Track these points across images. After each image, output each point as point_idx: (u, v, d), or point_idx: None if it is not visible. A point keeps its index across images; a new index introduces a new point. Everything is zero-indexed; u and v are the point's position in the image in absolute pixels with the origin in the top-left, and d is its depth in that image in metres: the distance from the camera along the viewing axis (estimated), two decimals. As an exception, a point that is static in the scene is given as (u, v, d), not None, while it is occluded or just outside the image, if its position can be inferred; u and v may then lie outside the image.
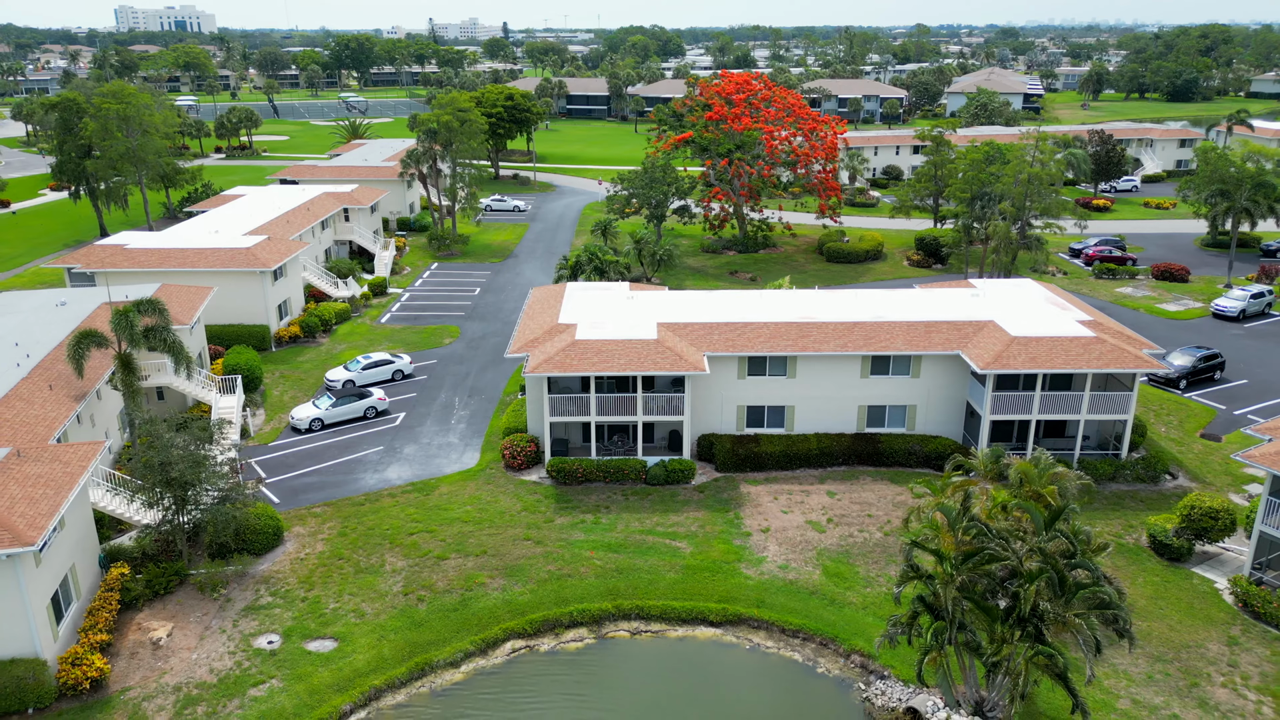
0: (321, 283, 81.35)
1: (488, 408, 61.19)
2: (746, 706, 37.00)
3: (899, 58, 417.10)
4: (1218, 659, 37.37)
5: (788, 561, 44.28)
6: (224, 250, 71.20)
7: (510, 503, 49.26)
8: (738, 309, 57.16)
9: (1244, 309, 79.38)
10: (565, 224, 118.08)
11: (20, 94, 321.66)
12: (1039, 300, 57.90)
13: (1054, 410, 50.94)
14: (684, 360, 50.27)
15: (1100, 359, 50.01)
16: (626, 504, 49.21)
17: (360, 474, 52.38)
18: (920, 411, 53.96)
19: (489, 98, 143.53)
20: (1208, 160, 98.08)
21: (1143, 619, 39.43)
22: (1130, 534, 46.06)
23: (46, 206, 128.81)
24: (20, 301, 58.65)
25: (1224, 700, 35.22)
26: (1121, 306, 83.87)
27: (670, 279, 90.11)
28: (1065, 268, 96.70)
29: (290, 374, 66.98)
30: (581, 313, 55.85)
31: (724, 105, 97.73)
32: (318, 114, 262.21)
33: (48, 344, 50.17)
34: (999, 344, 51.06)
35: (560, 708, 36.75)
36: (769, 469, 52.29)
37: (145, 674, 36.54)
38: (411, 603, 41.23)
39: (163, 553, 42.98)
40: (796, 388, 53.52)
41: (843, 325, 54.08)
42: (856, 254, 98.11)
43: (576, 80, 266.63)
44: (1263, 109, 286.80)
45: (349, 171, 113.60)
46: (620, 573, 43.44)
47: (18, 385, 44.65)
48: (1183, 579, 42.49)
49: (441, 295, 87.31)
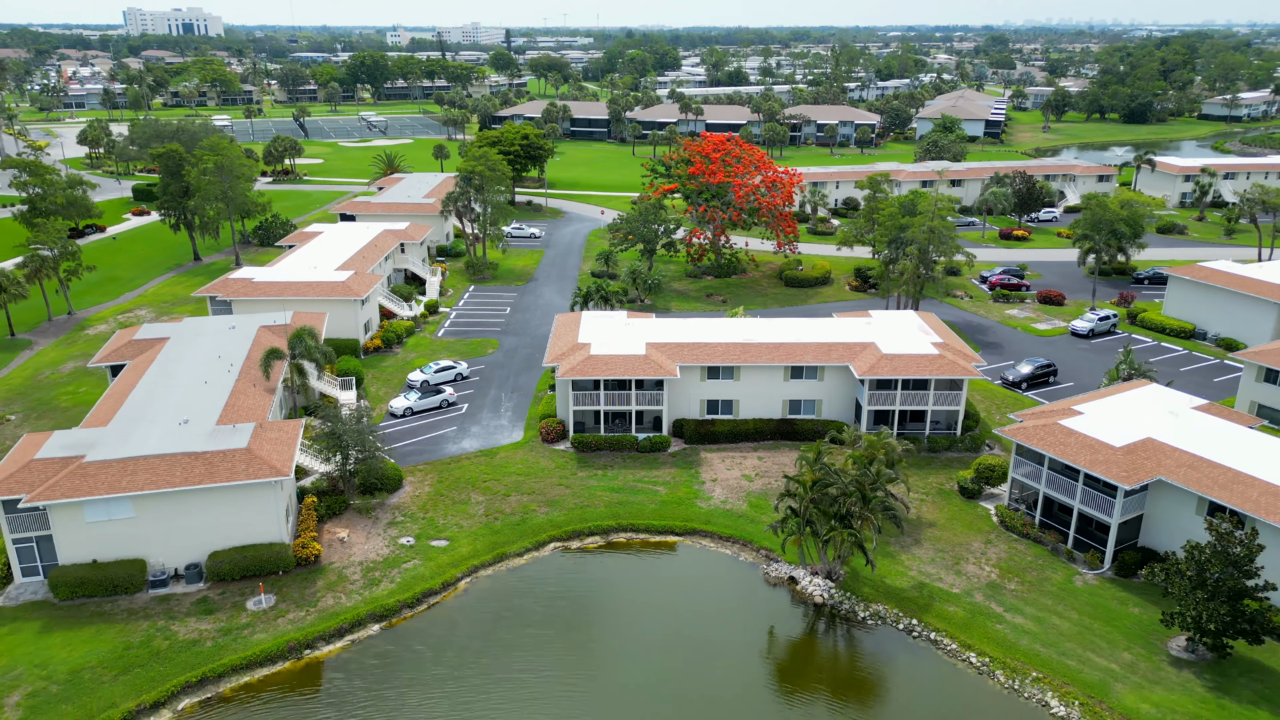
0: (392, 305, 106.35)
1: (526, 400, 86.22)
2: (697, 580, 62.18)
3: (882, 74, 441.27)
4: (976, 551, 62.58)
5: (726, 499, 69.47)
6: (326, 283, 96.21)
7: (547, 463, 74.38)
8: (702, 332, 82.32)
9: (1093, 329, 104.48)
10: (574, 249, 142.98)
11: (61, 108, 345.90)
12: (911, 328, 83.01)
13: (911, 403, 76.06)
14: (663, 369, 75.37)
15: (940, 369, 75.14)
16: (624, 464, 74.32)
17: (444, 445, 77.42)
18: (824, 404, 79.10)
19: (508, 137, 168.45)
20: (1089, 205, 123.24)
21: (939, 530, 64.67)
22: (949, 483, 71.23)
23: (138, 232, 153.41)
24: (203, 325, 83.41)
25: (972, 571, 60.42)
26: (1006, 325, 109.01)
27: (659, 300, 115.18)
28: (973, 292, 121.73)
29: (379, 375, 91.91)
30: (593, 335, 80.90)
31: (703, 162, 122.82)
32: (343, 133, 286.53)
33: (239, 356, 75.13)
34: (874, 359, 76.20)
35: (584, 578, 61.85)
36: (720, 442, 77.49)
37: (339, 556, 61.63)
38: (490, 520, 66.32)
39: (330, 490, 67.90)
40: (740, 388, 78.63)
41: (772, 345, 79.23)
42: (809, 280, 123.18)
43: (579, 104, 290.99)
44: (1209, 131, 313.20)
45: (397, 208, 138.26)
46: (620, 504, 68.57)
47: (235, 385, 69.60)
48: (971, 509, 67.71)
49: (480, 314, 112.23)
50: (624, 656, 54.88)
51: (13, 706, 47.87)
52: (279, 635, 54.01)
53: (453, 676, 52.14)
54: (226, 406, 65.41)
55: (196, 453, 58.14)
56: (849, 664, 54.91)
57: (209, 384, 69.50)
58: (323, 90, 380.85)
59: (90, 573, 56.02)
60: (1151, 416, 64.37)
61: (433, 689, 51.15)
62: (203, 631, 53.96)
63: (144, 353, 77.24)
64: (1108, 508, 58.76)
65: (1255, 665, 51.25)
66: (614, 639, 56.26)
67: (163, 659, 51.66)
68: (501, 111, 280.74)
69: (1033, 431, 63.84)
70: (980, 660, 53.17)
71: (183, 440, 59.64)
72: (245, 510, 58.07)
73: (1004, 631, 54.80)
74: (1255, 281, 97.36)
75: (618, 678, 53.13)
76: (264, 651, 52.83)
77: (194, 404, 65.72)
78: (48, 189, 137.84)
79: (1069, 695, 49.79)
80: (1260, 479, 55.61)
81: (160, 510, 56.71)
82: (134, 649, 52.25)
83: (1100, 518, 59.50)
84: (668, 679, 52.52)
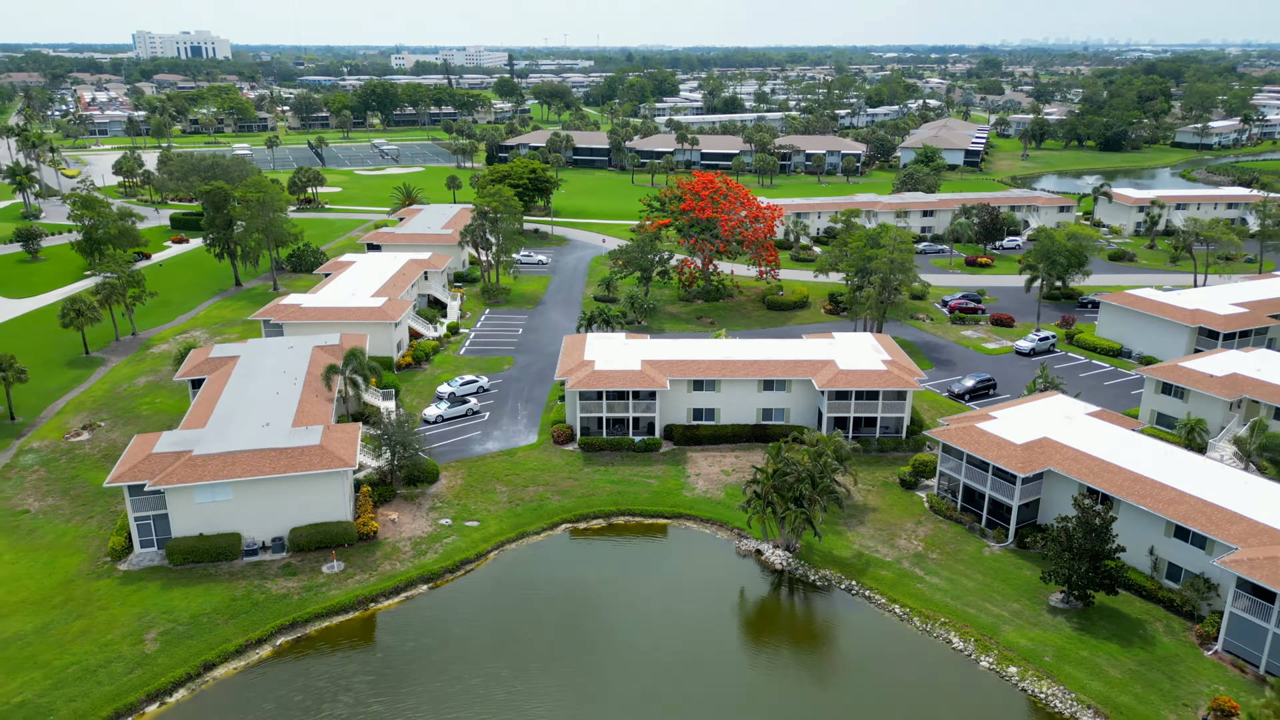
0: (419, 327, 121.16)
1: (539, 409, 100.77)
2: (682, 553, 76.65)
3: (872, 101, 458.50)
4: (908, 530, 77.01)
5: (707, 489, 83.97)
6: (364, 308, 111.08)
7: (559, 461, 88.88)
8: (689, 351, 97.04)
9: (1034, 348, 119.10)
10: (578, 276, 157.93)
11: (86, 135, 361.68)
12: (866, 347, 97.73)
13: (863, 411, 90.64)
14: (655, 382, 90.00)
15: (887, 382, 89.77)
16: (623, 461, 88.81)
17: (471, 446, 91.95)
18: (791, 411, 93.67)
19: (517, 171, 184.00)
20: (1038, 237, 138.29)
21: (880, 513, 79.15)
22: (892, 477, 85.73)
23: (182, 258, 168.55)
24: (266, 346, 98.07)
25: (903, 545, 74.85)
26: (960, 344, 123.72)
27: (654, 322, 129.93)
28: (934, 314, 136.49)
29: (411, 388, 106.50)
30: (596, 353, 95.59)
31: (693, 198, 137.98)
32: (357, 161, 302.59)
33: (300, 371, 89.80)
34: (833, 373, 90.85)
35: (590, 552, 76.30)
36: (703, 444, 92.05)
37: (391, 533, 76.05)
38: (512, 506, 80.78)
39: (380, 481, 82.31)
40: (720, 398, 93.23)
41: (747, 362, 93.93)
42: (788, 303, 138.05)
43: (581, 134, 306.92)
44: (1180, 159, 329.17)
45: (418, 238, 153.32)
46: (620, 494, 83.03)
47: (301, 395, 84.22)
48: (908, 497, 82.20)
49: (496, 335, 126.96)
50: (621, 612, 69.17)
51: (152, 640, 62.25)
52: (349, 591, 68.40)
53: (485, 621, 66.55)
54: (298, 412, 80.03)
55: (280, 448, 72.76)
56: (803, 616, 69.25)
57: (280, 394, 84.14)
58: (335, 117, 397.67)
59: (198, 543, 70.49)
60: (1052, 421, 79.01)
61: (472, 633, 65.53)
62: (289, 588, 68.38)
63: (219, 369, 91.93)
64: (1010, 493, 73.29)
65: (1112, 611, 65.62)
66: (613, 600, 70.57)
67: (261, 608, 66.08)
68: (508, 141, 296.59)
69: (955, 433, 78.45)
70: (902, 611, 67.54)
71: (268, 438, 74.27)
72: (319, 494, 72.58)
73: (923, 589, 69.20)
74: (1171, 307, 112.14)
75: (616, 627, 67.41)
76: (338, 603, 67.23)
77: (271, 410, 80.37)
78: (101, 220, 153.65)
79: (967, 634, 64.16)
80: (1125, 468, 70.20)
81: (253, 494, 71.23)
82: (238, 600, 66.68)
83: (1005, 501, 74.00)
84: (657, 629, 66.86)
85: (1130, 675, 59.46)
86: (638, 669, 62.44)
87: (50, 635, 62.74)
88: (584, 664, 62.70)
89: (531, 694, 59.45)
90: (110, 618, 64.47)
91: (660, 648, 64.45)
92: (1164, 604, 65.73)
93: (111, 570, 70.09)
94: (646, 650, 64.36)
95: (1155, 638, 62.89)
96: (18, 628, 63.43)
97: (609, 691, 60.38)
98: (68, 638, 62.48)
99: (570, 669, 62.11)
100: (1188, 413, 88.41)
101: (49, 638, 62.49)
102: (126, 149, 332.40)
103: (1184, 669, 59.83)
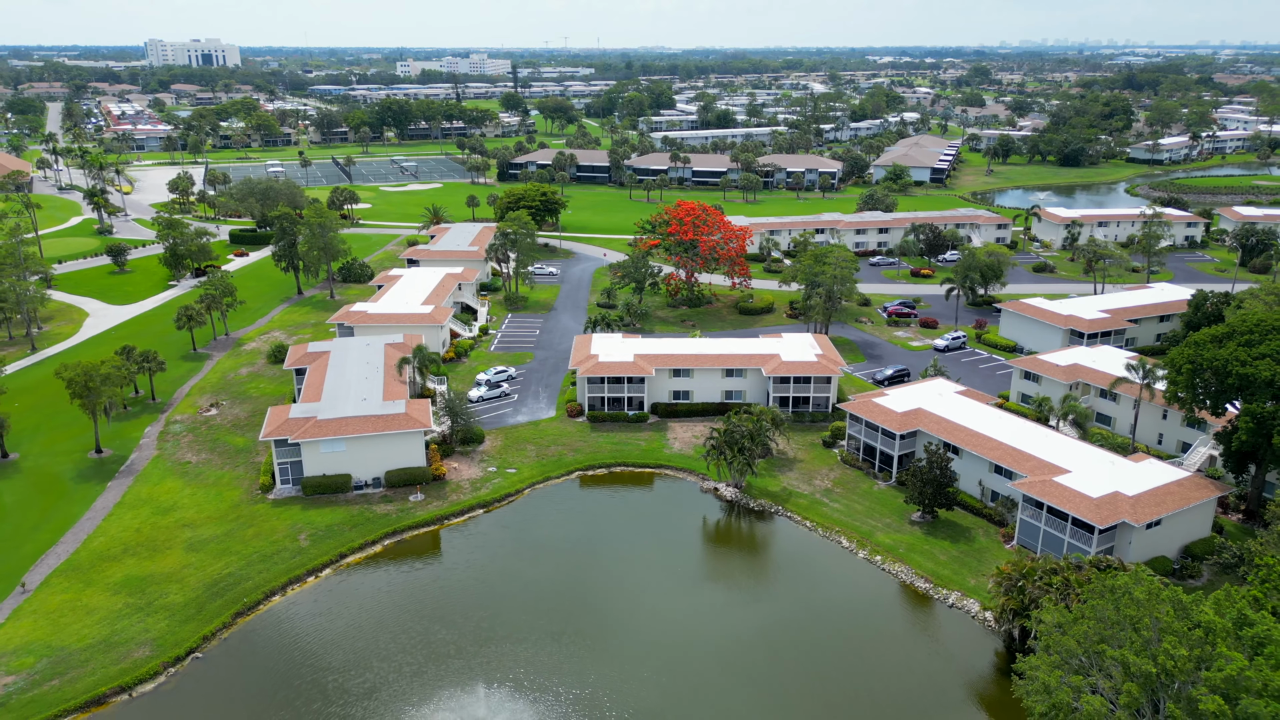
0: (458, 328, 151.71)
1: (555, 392, 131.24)
2: (662, 493, 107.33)
3: (855, 115, 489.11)
4: (823, 474, 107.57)
5: (682, 449, 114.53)
6: (417, 314, 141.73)
7: (571, 430, 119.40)
8: (671, 347, 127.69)
9: (948, 345, 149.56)
10: (584, 285, 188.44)
11: (128, 150, 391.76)
12: (805, 345, 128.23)
13: (800, 392, 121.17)
14: (645, 371, 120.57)
15: (817, 370, 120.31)
16: (620, 429, 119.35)
17: (506, 419, 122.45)
18: (747, 393, 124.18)
19: (531, 195, 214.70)
20: (961, 253, 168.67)
21: (804, 465, 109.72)
22: (817, 439, 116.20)
23: (248, 270, 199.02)
24: (348, 343, 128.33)
25: (818, 483, 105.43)
26: (891, 343, 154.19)
27: (647, 325, 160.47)
28: (874, 318, 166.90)
29: (455, 377, 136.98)
30: (600, 349, 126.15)
31: (678, 224, 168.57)
32: (380, 177, 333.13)
33: (379, 362, 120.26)
34: (776, 364, 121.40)
35: (597, 492, 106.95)
36: (681, 417, 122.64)
37: (455, 476, 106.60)
38: (539, 460, 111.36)
39: (441, 441, 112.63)
40: (694, 383, 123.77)
41: (714, 355, 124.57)
42: (756, 309, 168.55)
43: (584, 152, 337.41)
44: (1132, 173, 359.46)
45: (450, 254, 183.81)
46: (617, 452, 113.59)
47: (384, 379, 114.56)
48: (827, 453, 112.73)
49: (518, 335, 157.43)
50: (616, 529, 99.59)
51: (304, 539, 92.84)
52: (429, 512, 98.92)
53: (522, 534, 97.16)
54: (384, 390, 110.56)
55: (377, 415, 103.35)
56: (747, 531, 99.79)
57: (368, 379, 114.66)
58: (353, 132, 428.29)
59: (322, 480, 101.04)
60: (928, 397, 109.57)
61: (514, 540, 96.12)
62: (388, 510, 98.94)
63: (316, 360, 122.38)
64: (893, 446, 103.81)
65: (950, 522, 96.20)
66: (611, 523, 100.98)
67: (372, 521, 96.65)
68: (517, 159, 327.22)
69: (858, 405, 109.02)
70: (812, 525, 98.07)
71: (366, 408, 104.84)
72: (405, 447, 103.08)
73: (827, 511, 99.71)
74: (1050, 313, 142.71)
75: (614, 539, 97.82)
76: (422, 520, 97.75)
77: (364, 389, 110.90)
78: (182, 239, 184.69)
79: (852, 538, 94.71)
80: (968, 427, 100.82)
81: (360, 446, 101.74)
82: (354, 516, 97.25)
83: (889, 452, 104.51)
84: (640, 540, 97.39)
85: (953, 559, 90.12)
86: (630, 562, 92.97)
87: (234, 537, 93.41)
88: (590, 560, 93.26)
89: (552, 571, 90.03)
90: (271, 526, 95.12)
91: (646, 552, 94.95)
92: (986, 517, 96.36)
93: (263, 499, 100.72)
94: (637, 552, 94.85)
95: (975, 537, 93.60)
96: (212, 532, 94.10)
97: (606, 576, 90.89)
98: (246, 538, 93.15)
99: (579, 563, 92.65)
100: (1038, 392, 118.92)
101: (234, 538, 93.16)
102: (166, 163, 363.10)
103: (989, 555, 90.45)
